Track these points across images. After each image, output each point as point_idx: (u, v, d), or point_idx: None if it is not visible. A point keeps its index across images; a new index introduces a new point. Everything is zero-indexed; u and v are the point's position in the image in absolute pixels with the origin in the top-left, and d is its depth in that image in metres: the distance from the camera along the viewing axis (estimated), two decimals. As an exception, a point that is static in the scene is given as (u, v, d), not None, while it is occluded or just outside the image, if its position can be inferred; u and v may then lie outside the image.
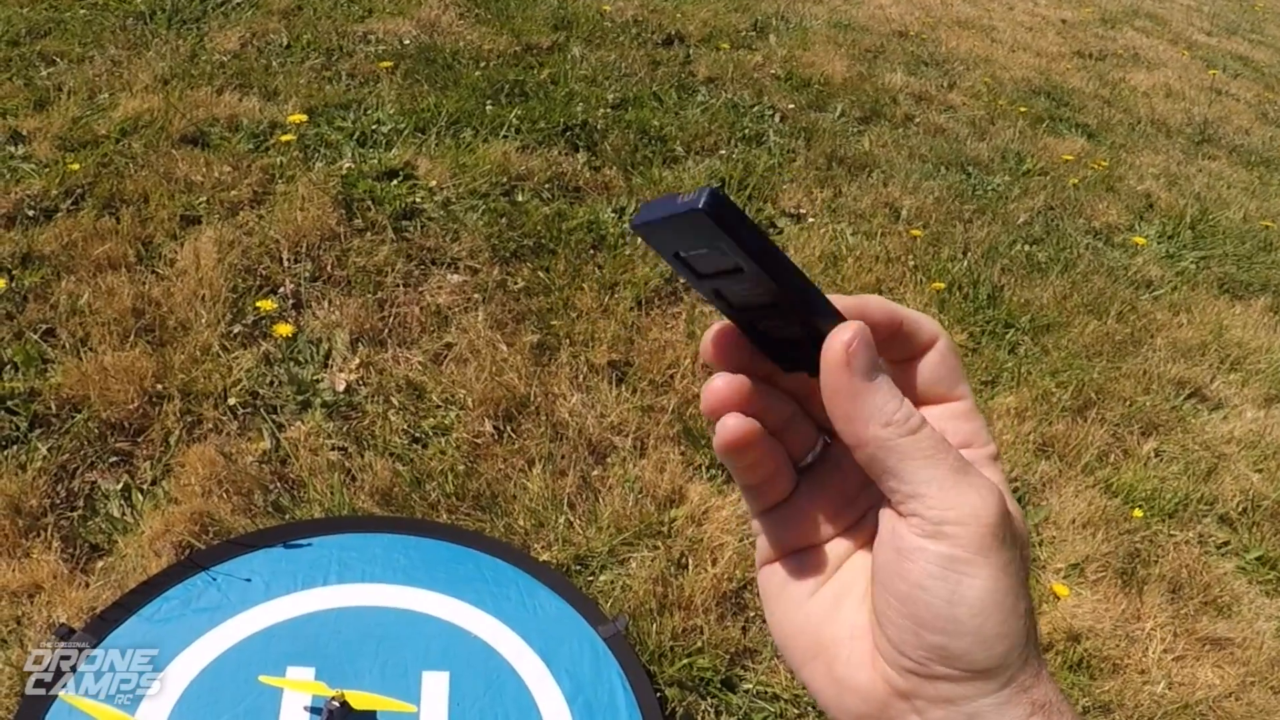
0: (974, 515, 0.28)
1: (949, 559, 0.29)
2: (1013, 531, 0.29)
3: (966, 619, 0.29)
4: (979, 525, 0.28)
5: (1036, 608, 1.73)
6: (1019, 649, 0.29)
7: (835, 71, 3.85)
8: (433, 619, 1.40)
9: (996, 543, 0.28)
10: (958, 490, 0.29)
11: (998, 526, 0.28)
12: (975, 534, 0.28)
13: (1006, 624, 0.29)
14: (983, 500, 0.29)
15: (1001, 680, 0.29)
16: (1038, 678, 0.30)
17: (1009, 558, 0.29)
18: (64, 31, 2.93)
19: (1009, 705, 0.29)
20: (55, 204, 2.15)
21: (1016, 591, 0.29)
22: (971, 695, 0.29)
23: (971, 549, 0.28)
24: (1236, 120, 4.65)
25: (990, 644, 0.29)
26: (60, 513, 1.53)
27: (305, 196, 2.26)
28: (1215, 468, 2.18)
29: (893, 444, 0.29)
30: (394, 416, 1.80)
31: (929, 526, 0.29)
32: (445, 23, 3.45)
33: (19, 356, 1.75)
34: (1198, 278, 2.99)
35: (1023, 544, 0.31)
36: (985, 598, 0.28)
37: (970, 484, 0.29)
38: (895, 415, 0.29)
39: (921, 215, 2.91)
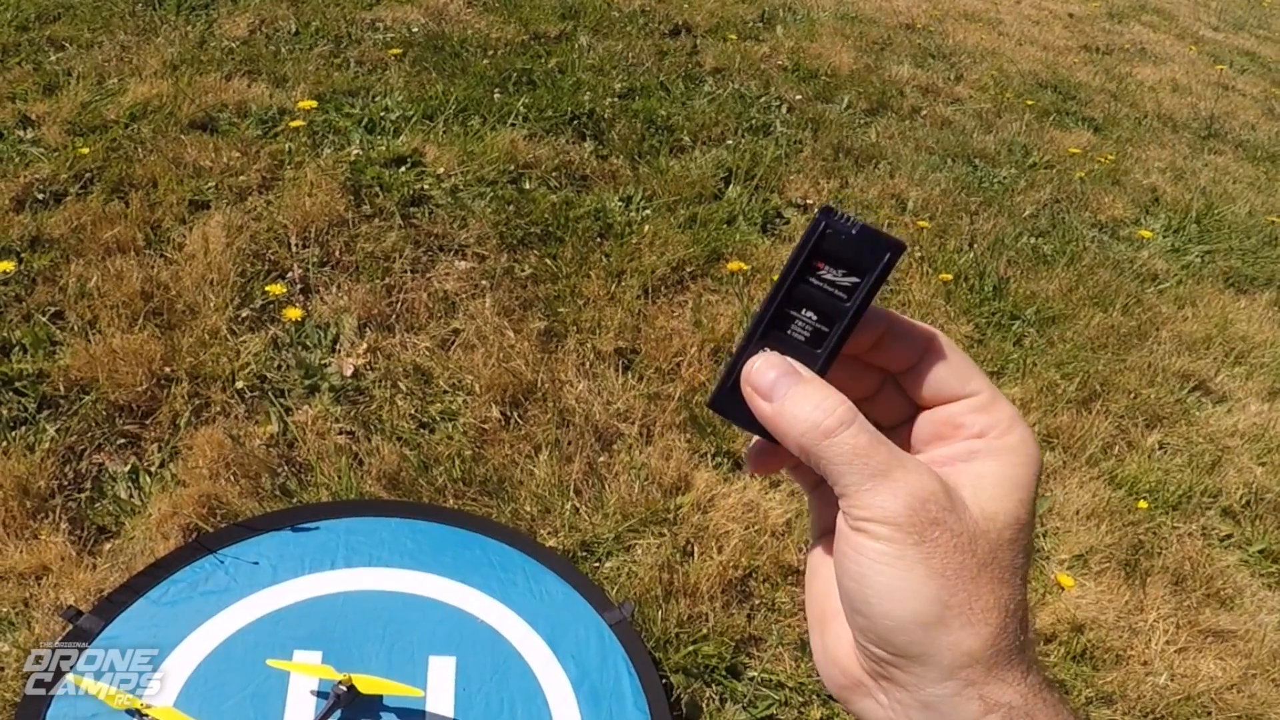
0: (887, 514, 0.31)
1: (864, 548, 0.31)
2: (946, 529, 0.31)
3: (876, 602, 0.31)
4: (891, 523, 0.31)
5: (1039, 598, 1.73)
6: (960, 642, 0.31)
7: (842, 63, 3.84)
8: (439, 604, 1.40)
9: (910, 538, 0.31)
10: (873, 492, 0.31)
11: (909, 524, 0.31)
12: (888, 531, 0.31)
13: (923, 612, 0.31)
14: (895, 500, 0.31)
15: (942, 671, 0.31)
16: (999, 679, 0.31)
17: (926, 553, 0.31)
18: (73, 17, 2.93)
19: (959, 699, 0.31)
20: (64, 188, 2.15)
21: (939, 583, 0.30)
22: (919, 683, 0.32)
23: (884, 542, 0.31)
24: (1243, 115, 4.63)
25: (907, 629, 0.31)
26: (68, 494, 1.53)
27: (313, 182, 2.26)
28: (1219, 460, 2.18)
29: (815, 450, 0.32)
30: (401, 401, 1.80)
31: (853, 521, 0.32)
32: (453, 11, 3.45)
33: (28, 338, 1.76)
34: (1203, 271, 2.99)
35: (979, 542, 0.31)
36: (893, 585, 0.31)
37: (885, 486, 0.31)
38: (810, 418, 0.32)
39: (928, 207, 2.91)
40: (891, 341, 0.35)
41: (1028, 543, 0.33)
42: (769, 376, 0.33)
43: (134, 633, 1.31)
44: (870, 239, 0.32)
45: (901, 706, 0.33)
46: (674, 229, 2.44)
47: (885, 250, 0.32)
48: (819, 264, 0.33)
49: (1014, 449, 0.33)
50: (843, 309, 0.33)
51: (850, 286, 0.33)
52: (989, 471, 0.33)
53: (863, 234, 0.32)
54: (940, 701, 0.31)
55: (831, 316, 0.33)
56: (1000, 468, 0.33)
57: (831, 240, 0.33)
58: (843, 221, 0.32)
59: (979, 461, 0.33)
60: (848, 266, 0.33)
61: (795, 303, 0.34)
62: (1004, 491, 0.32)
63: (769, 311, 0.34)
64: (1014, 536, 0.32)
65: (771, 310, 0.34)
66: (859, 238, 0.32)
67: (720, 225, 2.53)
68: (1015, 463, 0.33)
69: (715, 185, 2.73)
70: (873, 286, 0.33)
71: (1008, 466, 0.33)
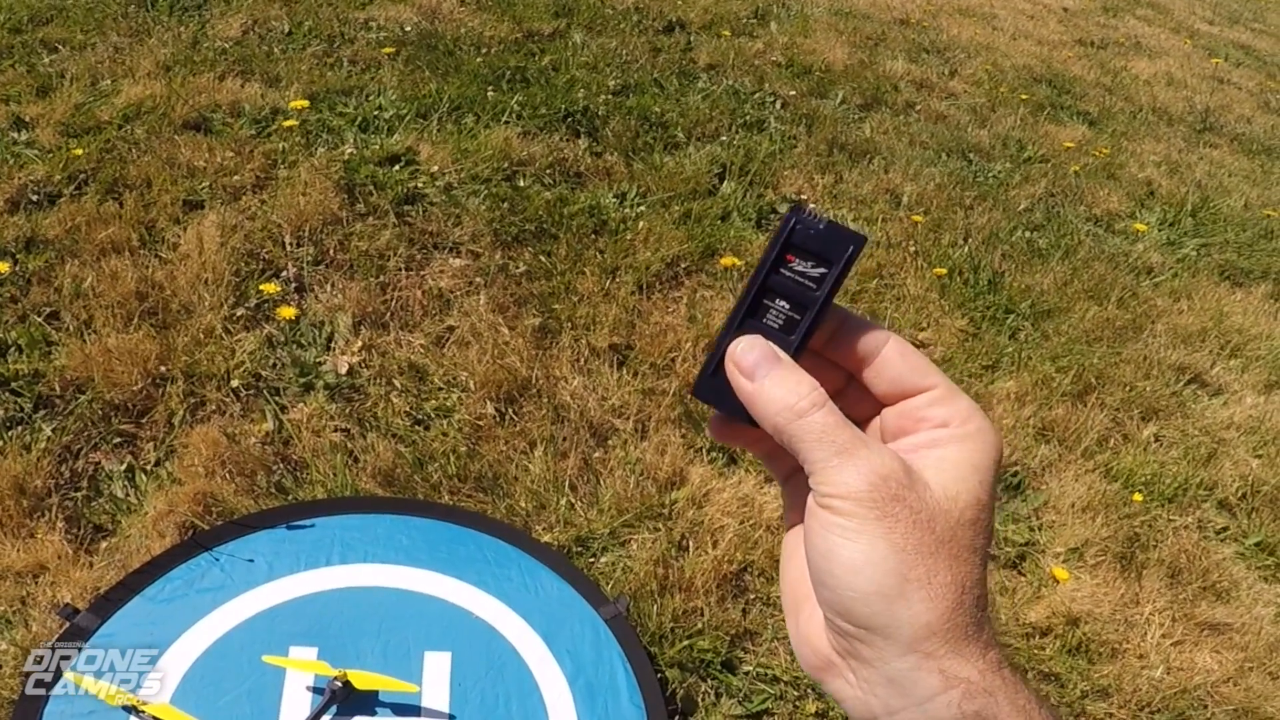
0: (850, 491, 0.33)
1: (830, 524, 0.33)
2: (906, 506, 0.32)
3: (840, 574, 0.33)
4: (853, 499, 0.33)
5: (1034, 592, 1.74)
6: (919, 615, 0.32)
7: (836, 59, 3.84)
8: (435, 599, 1.41)
9: (871, 513, 0.32)
10: (839, 469, 0.33)
11: (870, 500, 0.32)
12: (850, 506, 0.33)
13: (884, 584, 0.32)
14: (859, 476, 0.33)
15: (903, 644, 0.32)
16: (957, 653, 0.32)
17: (887, 527, 0.32)
18: (66, 19, 2.93)
19: (919, 672, 0.32)
20: (59, 189, 2.15)
21: (899, 557, 0.32)
22: (882, 657, 0.33)
23: (848, 518, 0.33)
24: (1238, 109, 4.64)
25: (870, 601, 0.33)
26: (64, 493, 1.54)
27: (307, 181, 2.26)
28: (1215, 453, 2.19)
29: (788, 429, 0.34)
30: (396, 398, 1.80)
31: (819, 498, 0.34)
32: (446, 9, 3.45)
33: (23, 339, 1.76)
34: (1198, 264, 2.99)
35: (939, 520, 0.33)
36: (857, 557, 0.32)
37: (850, 463, 0.33)
38: (785, 400, 0.34)
39: (923, 201, 2.91)
40: (845, 336, 0.37)
41: (988, 524, 0.34)
42: (751, 358, 0.35)
43: (131, 630, 1.31)
44: (836, 233, 0.35)
45: (868, 684, 0.34)
46: (668, 225, 2.44)
47: (849, 243, 0.35)
48: (790, 257, 0.36)
49: (974, 435, 0.35)
50: (813, 297, 0.36)
51: (819, 277, 0.36)
52: (951, 455, 0.34)
53: (829, 229, 0.35)
54: (902, 676, 0.33)
55: (803, 304, 0.36)
56: (962, 452, 0.34)
57: (801, 235, 0.35)
58: (811, 218, 0.35)
59: (942, 448, 0.35)
60: (816, 259, 0.35)
61: (769, 292, 0.36)
62: (965, 473, 0.34)
63: (746, 301, 0.36)
64: (975, 516, 0.34)
65: (749, 300, 0.36)
66: (826, 232, 0.35)
67: (714, 221, 2.54)
68: (976, 448, 0.35)
69: (709, 181, 2.73)
70: (839, 276, 0.35)
71: (969, 451, 0.34)
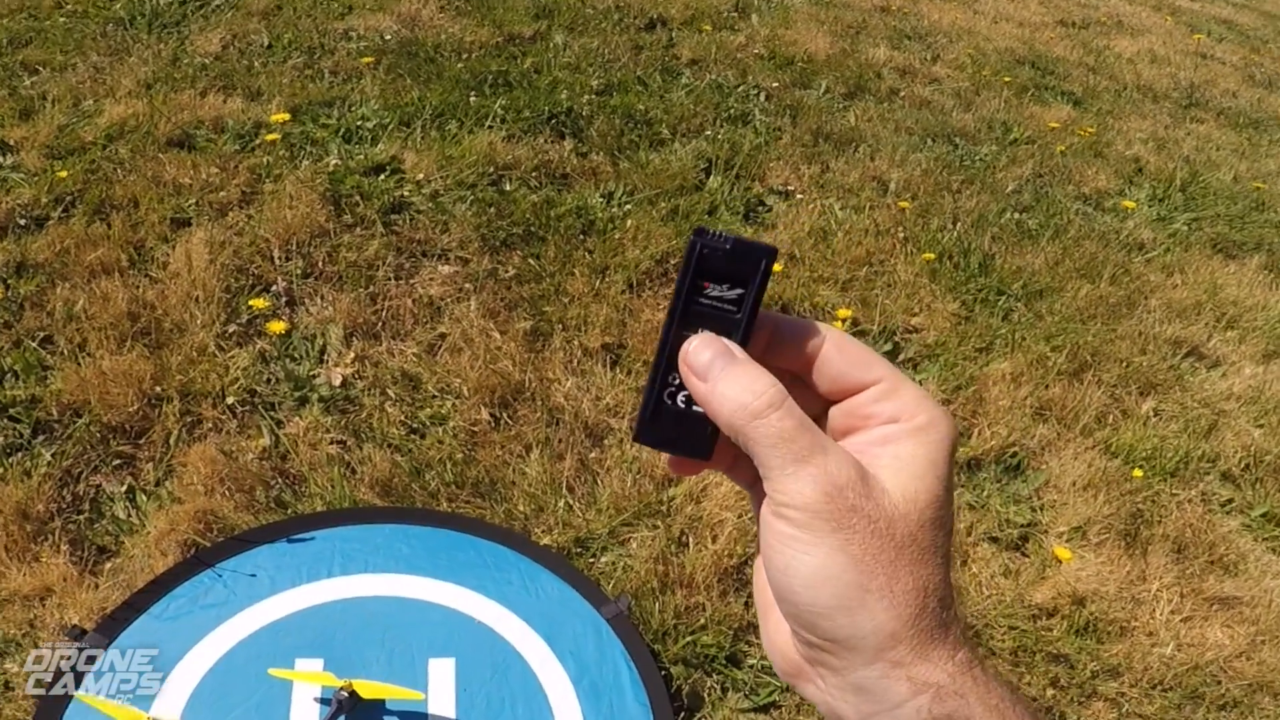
0: (804, 501, 0.31)
1: (785, 536, 0.32)
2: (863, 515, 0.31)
3: (800, 590, 0.32)
4: (807, 510, 0.31)
5: (1039, 573, 1.74)
6: (883, 625, 0.31)
7: (818, 49, 3.84)
8: (437, 606, 1.41)
9: (827, 525, 0.31)
10: (794, 477, 0.31)
11: (826, 511, 0.31)
12: (805, 517, 0.31)
13: (843, 597, 0.31)
14: (815, 486, 0.31)
15: (868, 654, 0.31)
16: (924, 658, 0.31)
17: (844, 539, 0.31)
18: (45, 40, 2.93)
19: (886, 680, 0.31)
20: (46, 212, 2.15)
21: (858, 568, 0.31)
22: (848, 666, 0.32)
23: (802, 529, 0.31)
24: (1223, 83, 4.64)
25: (830, 615, 0.31)
26: (67, 516, 1.54)
27: (293, 194, 2.26)
28: (1215, 425, 2.19)
29: (744, 430, 0.32)
30: (391, 408, 1.81)
31: (774, 506, 0.32)
32: (426, 16, 3.44)
33: (19, 364, 1.76)
34: (1190, 239, 3.00)
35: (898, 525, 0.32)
36: (816, 572, 0.31)
37: (805, 471, 0.31)
38: (739, 399, 0.32)
39: (910, 187, 2.91)
40: (780, 343, 0.35)
41: (948, 519, 0.33)
42: (704, 357, 0.34)
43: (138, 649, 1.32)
44: (744, 250, 0.34)
45: (837, 690, 0.33)
46: (656, 222, 2.45)
47: (760, 257, 0.34)
48: (704, 283, 0.34)
49: (926, 428, 0.33)
50: (735, 320, 0.34)
51: (737, 298, 0.34)
52: (905, 452, 0.33)
53: (736, 247, 0.34)
54: (870, 684, 0.32)
55: (727, 329, 0.34)
56: (915, 448, 0.33)
57: (710, 259, 0.34)
58: (717, 239, 0.34)
59: (895, 445, 0.33)
60: (730, 280, 0.34)
61: (691, 324, 0.35)
62: (921, 469, 0.33)
63: (668, 337, 0.35)
64: (935, 515, 0.32)
65: (670, 336, 0.35)
66: (734, 251, 0.34)
67: (702, 216, 2.54)
68: (929, 441, 0.33)
69: (696, 176, 2.73)
70: (757, 293, 0.34)
71: (922, 445, 0.33)
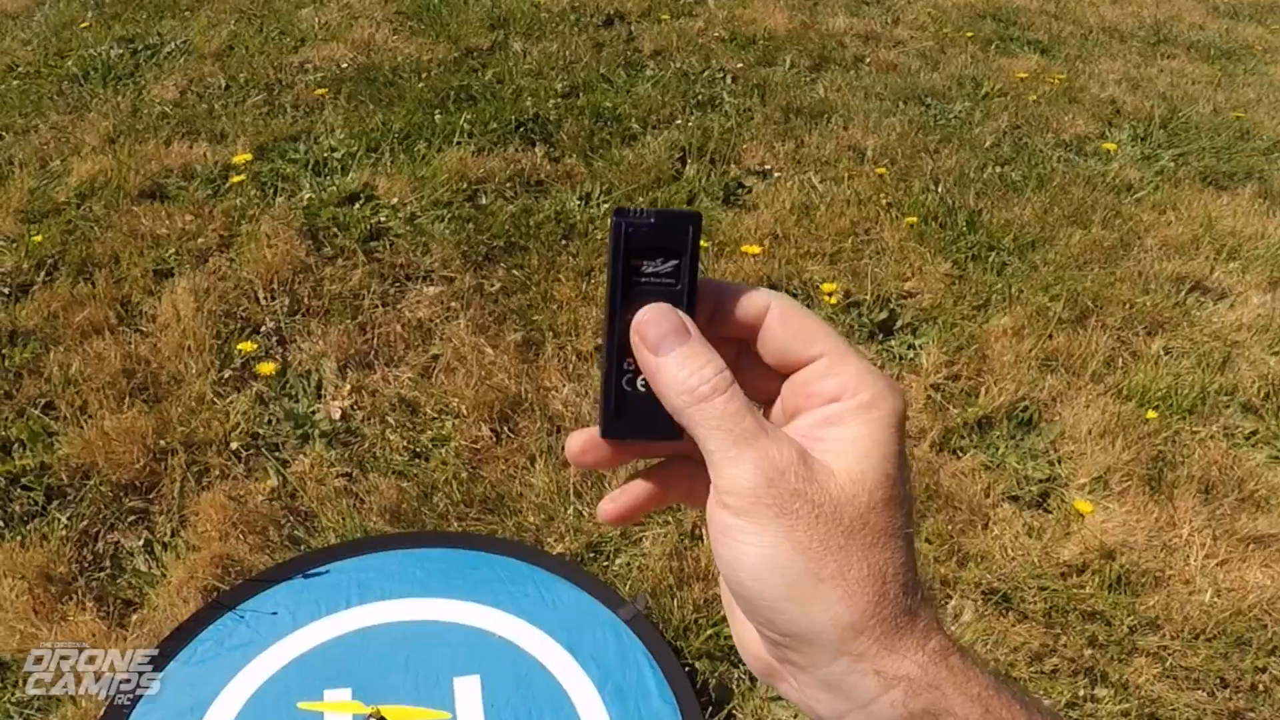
0: (745, 488, 0.29)
1: (729, 527, 0.30)
2: (806, 500, 0.29)
3: (749, 583, 0.30)
4: (748, 497, 0.29)
5: (1063, 529, 1.70)
6: (839, 616, 0.29)
7: (778, 24, 3.83)
8: (457, 626, 1.42)
9: (770, 512, 0.29)
10: (735, 461, 0.30)
11: (768, 497, 0.29)
12: (747, 504, 0.29)
13: (794, 588, 0.29)
14: (755, 471, 0.29)
15: (829, 649, 0.30)
16: (890, 650, 0.29)
17: (788, 525, 0.29)
18: (2, 104, 2.93)
19: (853, 675, 0.30)
20: (29, 278, 2.16)
21: (805, 556, 0.29)
22: (814, 663, 0.30)
23: (744, 517, 0.30)
24: (1188, 18, 4.62)
25: (782, 608, 0.30)
26: (90, 575, 1.56)
27: (270, 233, 2.26)
28: (1229, 357, 2.15)
29: (687, 412, 0.31)
30: (392, 435, 1.81)
31: (716, 496, 0.31)
32: (380, 40, 3.44)
33: (24, 434, 1.77)
34: (1178, 174, 2.98)
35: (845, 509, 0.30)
36: (760, 564, 0.29)
37: (746, 456, 0.30)
38: (686, 383, 0.31)
39: (887, 153, 2.90)
40: (724, 314, 0.34)
41: (904, 500, 0.31)
42: (658, 330, 0.32)
43: (171, 695, 1.34)
44: (668, 220, 0.33)
45: (809, 689, 0.32)
46: (636, 218, 2.44)
47: (686, 224, 0.33)
48: (636, 262, 0.34)
49: (870, 405, 0.32)
50: (676, 291, 0.34)
51: (673, 270, 0.34)
52: (848, 434, 0.31)
53: (660, 219, 0.33)
54: (838, 680, 0.30)
55: (672, 302, 0.34)
56: (859, 427, 0.31)
57: (636, 236, 0.33)
58: (639, 216, 0.33)
59: (839, 425, 0.32)
60: (663, 253, 0.34)
61: (633, 305, 0.34)
62: (868, 448, 0.31)
63: (615, 328, 0.34)
64: (887, 495, 0.31)
65: (616, 323, 0.34)
66: (658, 224, 0.33)
67: (682, 205, 2.53)
68: (873, 419, 0.31)
69: (672, 167, 2.73)
70: (692, 260, 0.34)
71: (866, 424, 0.31)
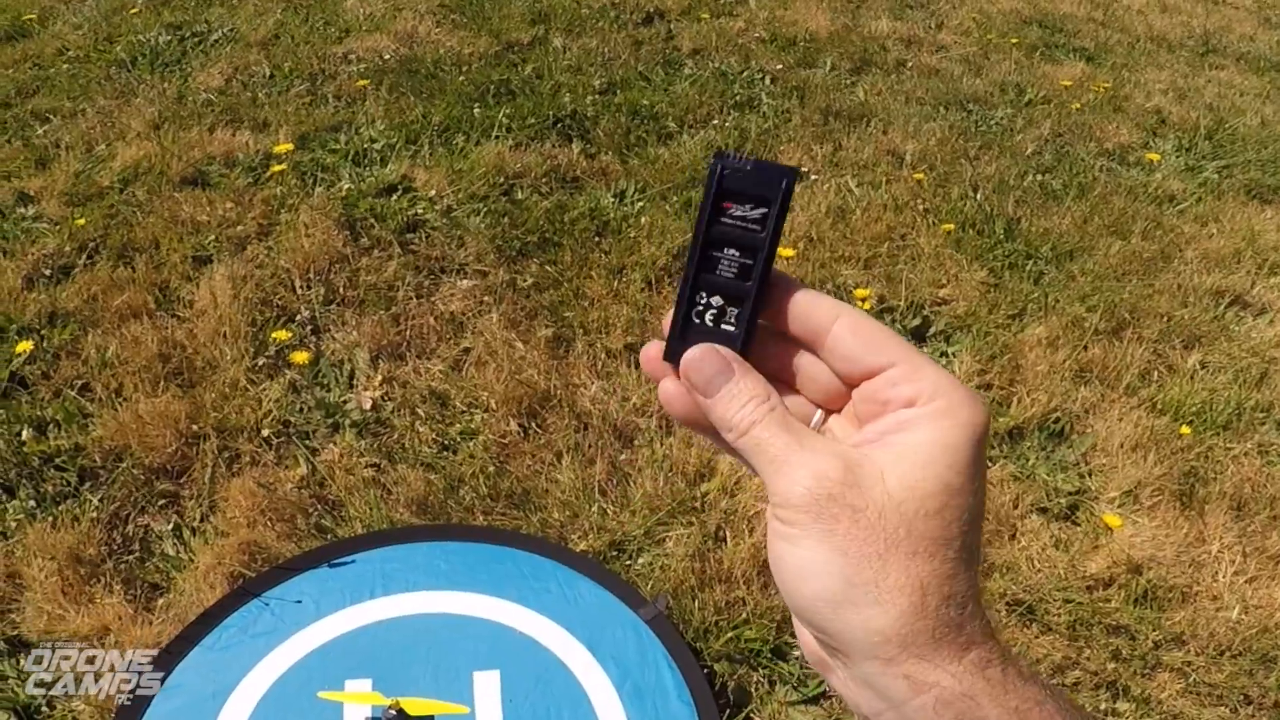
0: (788, 498, 0.32)
1: (777, 532, 0.33)
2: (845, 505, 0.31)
3: (790, 582, 0.33)
4: (790, 505, 0.32)
5: (1091, 542, 1.69)
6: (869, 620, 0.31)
7: (820, 26, 3.79)
8: (478, 620, 1.42)
9: (808, 516, 0.31)
10: (780, 477, 0.32)
11: (807, 502, 0.31)
12: (790, 513, 0.32)
13: (828, 590, 0.31)
14: (794, 482, 0.32)
15: (860, 650, 0.31)
16: (922, 659, 0.30)
17: (827, 529, 0.31)
18: (52, 88, 2.99)
19: (885, 678, 0.31)
20: (71, 260, 2.20)
21: (843, 560, 0.31)
22: (850, 660, 0.32)
23: (788, 524, 0.32)
24: (1239, 28, 4.51)
25: (818, 608, 0.32)
26: (118, 558, 1.58)
27: (309, 223, 2.29)
28: (1267, 373, 2.11)
29: (735, 444, 0.34)
30: (421, 427, 1.82)
31: (770, 508, 0.33)
32: (423, 32, 3.46)
33: (60, 415, 1.80)
34: (1222, 187, 2.91)
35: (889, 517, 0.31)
36: (801, 564, 0.32)
37: (787, 470, 0.32)
38: (730, 421, 0.34)
39: (926, 158, 2.87)
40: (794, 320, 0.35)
41: (965, 511, 0.31)
42: (705, 374, 0.35)
43: (194, 680, 1.35)
44: (766, 171, 0.35)
45: (851, 683, 0.33)
46: (670, 217, 2.44)
47: (782, 177, 0.34)
48: (726, 205, 0.35)
49: (943, 413, 0.32)
50: (759, 239, 0.35)
51: (760, 218, 0.35)
52: (916, 439, 0.32)
53: (758, 168, 0.35)
54: (871, 679, 0.31)
55: (752, 248, 0.35)
56: (928, 434, 0.32)
57: (732, 180, 0.35)
58: (737, 161, 0.35)
59: (907, 431, 0.32)
60: (753, 200, 0.35)
61: (716, 245, 0.36)
62: (933, 455, 0.31)
63: (694, 260, 0.36)
64: (941, 505, 0.31)
65: (696, 259, 0.36)
66: (755, 172, 0.34)
67: (716, 207, 2.52)
68: (944, 427, 0.32)
69: (707, 167, 2.71)
70: (780, 212, 0.35)
71: (935, 431, 0.32)
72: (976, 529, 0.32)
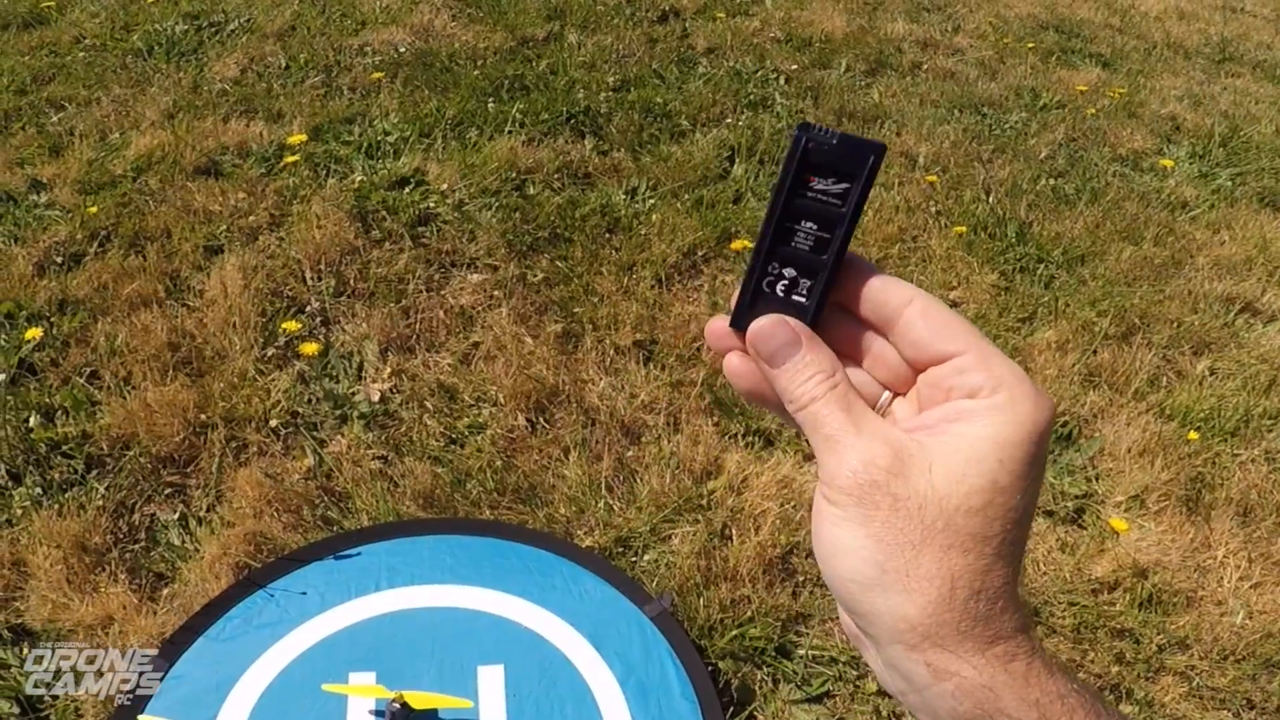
0: (834, 479, 0.32)
1: (822, 510, 0.33)
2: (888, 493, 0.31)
3: (826, 557, 0.33)
4: (834, 486, 0.32)
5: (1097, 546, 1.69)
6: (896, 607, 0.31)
7: (835, 27, 3.78)
8: (483, 614, 1.42)
9: (850, 499, 0.32)
10: (830, 456, 0.33)
11: (851, 487, 0.32)
12: (834, 494, 0.32)
13: (859, 572, 0.32)
14: (843, 466, 0.32)
15: (885, 634, 0.32)
16: (944, 649, 0.31)
17: (866, 515, 0.31)
18: (67, 76, 3.00)
19: (907, 662, 0.32)
20: (82, 248, 2.20)
21: (877, 545, 0.31)
22: (877, 642, 0.33)
23: (832, 504, 0.32)
24: (1256, 36, 4.49)
25: (848, 588, 0.32)
26: (124, 546, 1.58)
27: (321, 214, 2.29)
28: (1275, 380, 2.11)
29: (796, 416, 0.35)
30: (429, 420, 1.82)
31: (819, 485, 0.34)
32: (439, 26, 3.46)
33: (68, 401, 1.80)
34: (1235, 194, 2.90)
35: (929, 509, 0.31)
36: (838, 544, 0.32)
37: (838, 451, 0.33)
38: (793, 394, 0.34)
39: (939, 160, 2.86)
40: (869, 297, 0.35)
41: (1012, 509, 0.31)
42: (772, 345, 0.35)
43: (197, 670, 1.35)
44: (852, 145, 0.33)
45: (879, 662, 0.34)
46: (681, 214, 2.43)
47: (869, 153, 0.33)
48: (809, 178, 0.34)
49: (1002, 407, 0.31)
50: (840, 214, 0.34)
51: (842, 193, 0.34)
52: (968, 433, 0.31)
53: (844, 142, 0.33)
54: (895, 662, 0.32)
55: (831, 222, 0.34)
56: (983, 428, 0.31)
57: (816, 153, 0.34)
58: (823, 134, 0.34)
59: (964, 421, 0.32)
60: (836, 175, 0.34)
61: (794, 217, 0.35)
62: (983, 451, 0.31)
63: (769, 231, 0.35)
64: (985, 502, 0.30)
65: (772, 229, 0.35)
66: (840, 146, 0.33)
67: (728, 205, 2.52)
68: (1001, 421, 0.31)
69: (720, 165, 2.71)
70: (864, 189, 0.34)
71: (991, 426, 0.31)
72: (1023, 526, 0.32)
